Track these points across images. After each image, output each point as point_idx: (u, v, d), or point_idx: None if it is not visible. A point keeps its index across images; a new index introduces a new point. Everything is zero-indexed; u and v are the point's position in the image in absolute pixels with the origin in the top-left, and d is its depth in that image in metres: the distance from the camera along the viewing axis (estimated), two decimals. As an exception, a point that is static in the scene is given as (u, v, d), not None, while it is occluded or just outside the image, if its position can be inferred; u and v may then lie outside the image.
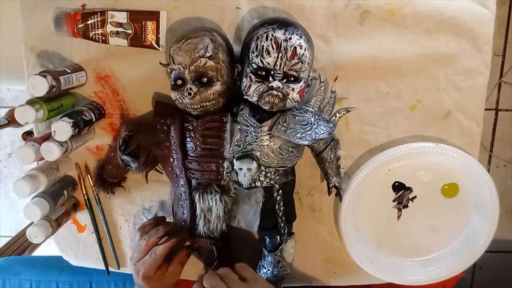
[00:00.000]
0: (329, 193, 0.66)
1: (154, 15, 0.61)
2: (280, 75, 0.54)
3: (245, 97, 0.57)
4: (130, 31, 0.61)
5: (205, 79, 0.56)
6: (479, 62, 0.64)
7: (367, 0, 0.61)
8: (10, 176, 1.65)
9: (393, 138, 0.68)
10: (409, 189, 0.69)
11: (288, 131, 0.57)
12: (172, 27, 0.63)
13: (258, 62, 0.54)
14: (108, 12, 0.61)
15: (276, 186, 0.60)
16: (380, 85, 0.65)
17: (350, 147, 0.68)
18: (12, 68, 0.78)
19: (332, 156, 0.63)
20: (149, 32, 0.62)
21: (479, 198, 0.68)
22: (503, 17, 1.35)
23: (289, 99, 0.56)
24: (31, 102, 0.58)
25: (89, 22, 0.61)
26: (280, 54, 0.53)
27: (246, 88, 0.56)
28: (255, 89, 0.55)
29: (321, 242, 0.73)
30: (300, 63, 0.54)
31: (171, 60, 0.56)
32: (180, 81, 0.56)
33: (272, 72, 0.54)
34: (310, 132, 0.56)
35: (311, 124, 0.57)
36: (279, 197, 0.61)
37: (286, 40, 0.53)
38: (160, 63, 0.60)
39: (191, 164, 0.60)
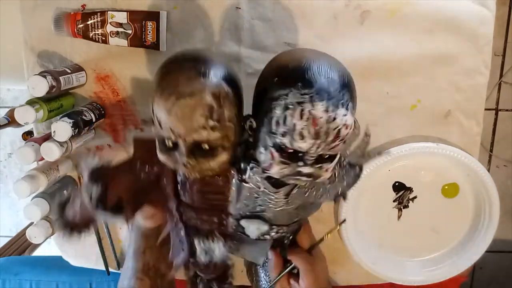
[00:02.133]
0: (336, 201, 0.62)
1: (154, 15, 0.61)
2: (313, 159, 0.41)
3: (265, 171, 0.44)
4: (130, 31, 0.61)
5: (206, 146, 0.42)
6: (479, 62, 0.64)
7: (367, 0, 0.61)
8: (10, 176, 1.65)
9: (393, 138, 0.68)
10: (410, 189, 0.68)
11: (308, 192, 0.47)
12: (172, 27, 0.63)
13: (286, 143, 0.40)
14: (108, 12, 0.61)
15: (288, 235, 0.54)
16: (380, 85, 0.65)
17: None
18: (12, 68, 0.77)
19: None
20: (149, 32, 0.61)
21: (479, 198, 0.68)
22: (503, 17, 1.35)
23: (319, 180, 0.43)
24: (31, 102, 0.58)
25: (89, 22, 0.61)
26: (319, 141, 0.39)
27: (267, 165, 0.42)
28: (278, 171, 0.42)
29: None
30: (341, 143, 0.40)
31: (157, 122, 0.41)
32: (170, 143, 0.42)
33: (303, 156, 0.41)
34: (334, 185, 0.47)
35: (334, 175, 0.47)
36: (288, 241, 0.56)
37: (328, 122, 0.38)
38: (142, 120, 0.44)
39: (187, 212, 0.49)
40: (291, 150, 0.40)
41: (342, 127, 0.39)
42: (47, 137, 0.61)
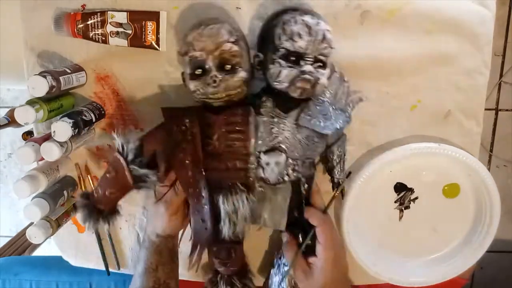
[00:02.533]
0: (333, 188, 0.65)
1: (154, 15, 0.61)
2: (311, 60, 0.53)
3: (275, 84, 0.55)
4: (130, 31, 0.61)
5: (229, 66, 0.53)
6: (479, 62, 0.64)
7: (367, 0, 0.61)
8: (10, 176, 1.65)
9: (393, 138, 0.67)
10: (411, 190, 0.68)
11: (312, 121, 0.56)
12: (172, 27, 0.63)
13: (289, 46, 0.53)
14: (108, 12, 0.61)
15: (303, 179, 0.60)
16: (380, 85, 0.65)
17: (351, 147, 0.68)
18: (12, 68, 0.78)
19: (340, 150, 0.64)
20: (149, 32, 0.61)
21: (480, 198, 0.68)
22: (503, 17, 1.35)
23: (319, 84, 0.54)
24: (31, 102, 0.58)
25: (89, 22, 0.61)
26: (312, 37, 0.52)
27: (276, 74, 0.54)
28: (286, 74, 0.53)
29: (321, 242, 0.73)
30: (328, 47, 0.54)
31: (191, 47, 0.53)
32: (200, 70, 0.53)
33: (303, 56, 0.53)
34: (331, 121, 0.57)
35: (330, 113, 0.57)
36: (305, 191, 0.60)
37: (316, 24, 0.53)
38: (178, 52, 0.58)
39: (212, 163, 0.56)
40: (294, 57, 0.53)
41: (326, 31, 0.53)
42: (47, 137, 0.61)
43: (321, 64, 0.54)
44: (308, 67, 0.53)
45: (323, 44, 0.53)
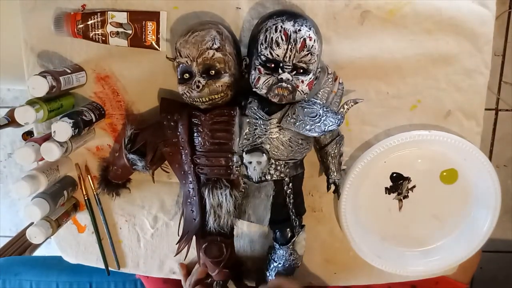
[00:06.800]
0: (328, 188, 0.66)
1: (154, 16, 0.61)
2: (290, 67, 0.54)
3: (254, 89, 0.56)
4: (130, 32, 0.61)
5: (213, 71, 0.55)
6: (479, 62, 0.64)
7: (367, 0, 0.61)
8: (10, 176, 1.65)
9: (393, 138, 0.67)
10: (408, 179, 0.68)
11: (297, 123, 0.57)
12: (172, 27, 0.63)
13: (267, 54, 0.54)
14: (108, 12, 0.61)
15: (286, 179, 0.60)
16: (380, 85, 0.65)
17: (351, 147, 0.68)
18: (12, 68, 0.77)
19: (336, 151, 0.64)
20: (149, 32, 0.61)
21: (479, 182, 0.68)
22: (503, 17, 1.35)
23: (299, 91, 0.55)
24: (31, 103, 0.58)
25: (89, 22, 0.61)
26: (290, 46, 0.53)
27: (255, 80, 0.55)
28: (264, 82, 0.55)
29: (321, 242, 0.73)
30: (309, 55, 0.54)
31: (178, 54, 0.56)
32: (187, 74, 0.56)
33: (281, 64, 0.54)
34: (319, 124, 0.57)
35: (319, 116, 0.57)
36: (289, 190, 0.61)
37: (295, 32, 0.52)
38: (167, 57, 0.60)
39: (199, 159, 0.59)
40: (273, 65, 0.54)
41: (306, 38, 0.53)
42: (47, 137, 0.61)
43: (301, 71, 0.55)
44: (285, 75, 0.54)
45: (303, 52, 0.53)
